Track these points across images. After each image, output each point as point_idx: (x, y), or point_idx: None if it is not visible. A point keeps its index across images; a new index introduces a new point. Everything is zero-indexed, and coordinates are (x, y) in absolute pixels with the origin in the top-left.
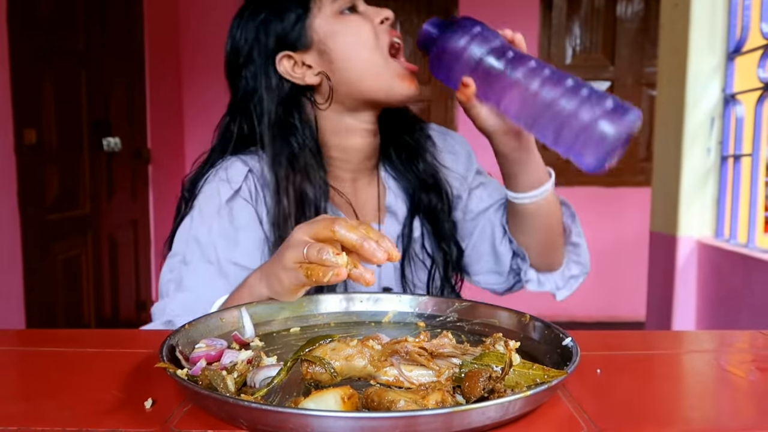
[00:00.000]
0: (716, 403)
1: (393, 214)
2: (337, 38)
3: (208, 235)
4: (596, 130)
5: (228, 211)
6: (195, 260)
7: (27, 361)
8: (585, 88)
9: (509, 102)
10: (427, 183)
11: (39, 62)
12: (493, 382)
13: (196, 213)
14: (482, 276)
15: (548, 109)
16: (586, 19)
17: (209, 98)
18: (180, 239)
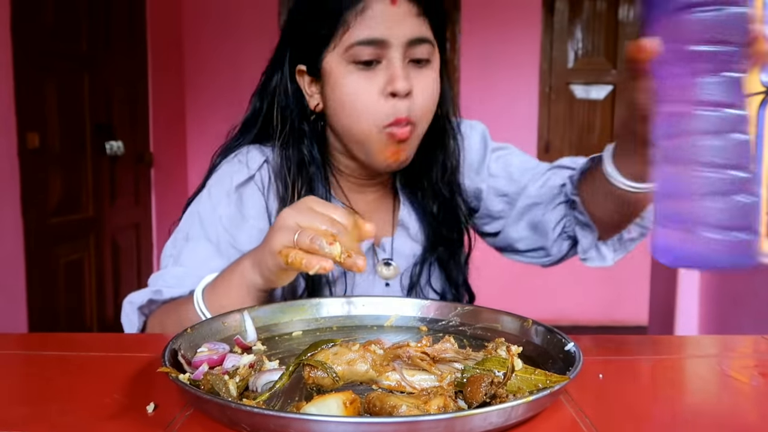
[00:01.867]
0: (719, 408)
1: (405, 228)
2: (337, 86)
3: (212, 214)
4: (707, 236)
5: (237, 196)
6: (196, 237)
7: (29, 364)
8: (752, 192)
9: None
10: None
11: (42, 66)
12: (495, 388)
13: (206, 192)
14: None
15: (694, 163)
16: (588, 23)
17: (212, 102)
18: (187, 216)
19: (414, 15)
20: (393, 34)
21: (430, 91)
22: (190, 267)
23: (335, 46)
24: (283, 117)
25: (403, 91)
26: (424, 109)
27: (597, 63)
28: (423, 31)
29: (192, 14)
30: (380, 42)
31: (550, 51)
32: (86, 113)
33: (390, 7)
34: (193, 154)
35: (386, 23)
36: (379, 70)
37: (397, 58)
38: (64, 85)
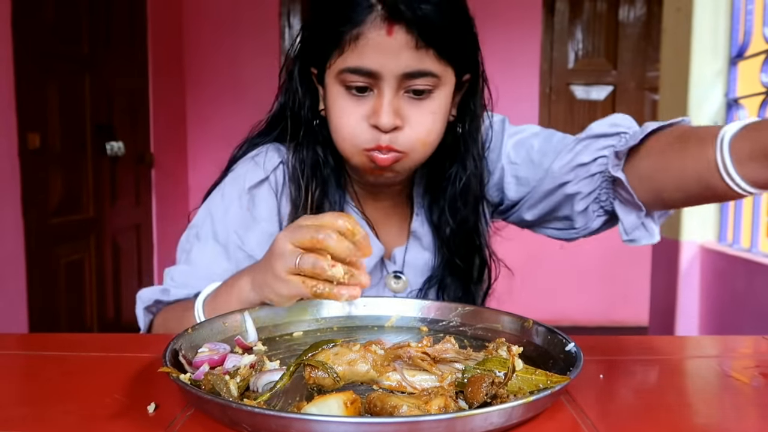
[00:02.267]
0: (719, 408)
1: (418, 239)
2: (329, 104)
3: (224, 215)
4: None
5: (249, 198)
6: (205, 237)
7: (29, 365)
8: None
9: None
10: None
11: (43, 66)
12: (495, 388)
13: (219, 191)
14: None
15: None
16: (589, 24)
17: (212, 102)
18: (202, 211)
19: (412, 47)
20: (385, 66)
21: (424, 126)
22: (197, 267)
23: (330, 66)
24: (296, 117)
25: (386, 127)
26: (414, 142)
27: (597, 64)
28: (422, 64)
29: (192, 15)
30: (371, 73)
31: (551, 51)
32: (87, 114)
33: (385, 38)
34: (193, 154)
35: (380, 54)
36: (370, 97)
37: (388, 91)
38: (64, 85)
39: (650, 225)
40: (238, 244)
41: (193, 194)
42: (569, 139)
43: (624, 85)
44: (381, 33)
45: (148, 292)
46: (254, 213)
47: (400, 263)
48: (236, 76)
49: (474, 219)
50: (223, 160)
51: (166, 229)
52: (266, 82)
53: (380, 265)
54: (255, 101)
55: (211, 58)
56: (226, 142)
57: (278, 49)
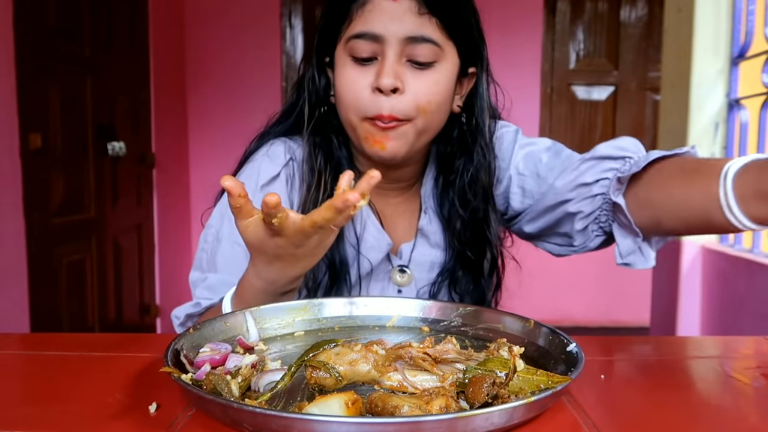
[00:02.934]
0: (720, 409)
1: (425, 236)
2: (337, 78)
3: None
4: None
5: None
6: (225, 239)
7: (31, 364)
8: None
9: None
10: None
11: (44, 67)
12: (497, 388)
13: None
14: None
15: None
16: (590, 24)
17: (213, 102)
18: (218, 211)
19: (415, 13)
20: (389, 29)
21: (424, 93)
22: (223, 272)
23: (341, 39)
24: (311, 107)
25: (387, 87)
26: (416, 109)
27: (599, 64)
28: (425, 30)
29: (194, 15)
30: (375, 36)
31: (552, 52)
32: (88, 114)
33: (390, 3)
34: (194, 154)
35: (384, 18)
36: (374, 66)
37: (391, 55)
38: (66, 86)
39: (647, 250)
40: None
41: (195, 194)
42: (575, 158)
43: (625, 85)
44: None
45: (181, 309)
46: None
47: (406, 259)
48: (237, 76)
49: (484, 210)
50: (224, 159)
51: (167, 229)
52: (267, 82)
53: (387, 259)
54: (256, 101)
55: (212, 59)
56: (227, 142)
57: (279, 49)
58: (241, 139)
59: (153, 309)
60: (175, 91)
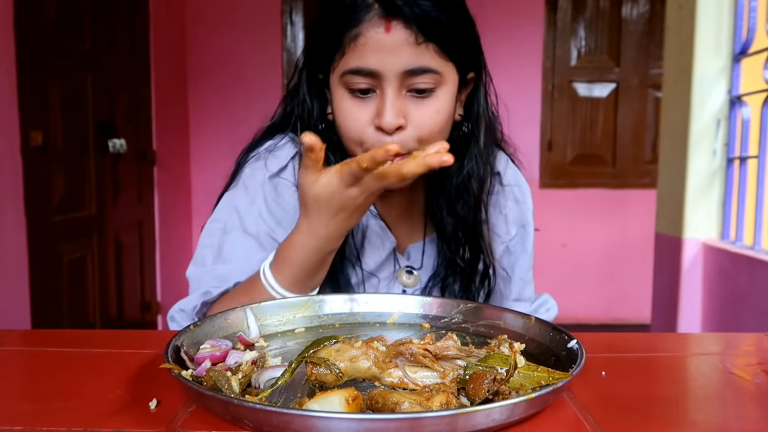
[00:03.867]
0: (721, 406)
1: (433, 238)
2: (335, 107)
3: (250, 207)
4: None
5: (272, 187)
6: (235, 230)
7: (32, 361)
8: None
9: None
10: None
11: (45, 64)
12: (497, 384)
13: (240, 184)
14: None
15: None
16: (591, 21)
17: (214, 99)
18: (222, 207)
19: (412, 44)
20: (386, 65)
21: (428, 125)
22: (233, 263)
23: (334, 69)
24: (305, 123)
25: (389, 127)
26: (419, 141)
27: (600, 61)
28: (423, 60)
29: (194, 12)
30: (371, 73)
31: (553, 49)
32: (89, 111)
33: (384, 35)
34: (195, 151)
35: (379, 53)
36: (373, 99)
37: (391, 91)
38: (67, 83)
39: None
40: (269, 233)
41: (196, 191)
42: (527, 294)
43: (627, 82)
44: (379, 31)
45: (187, 302)
46: (279, 202)
47: (415, 259)
48: (238, 73)
49: (472, 219)
50: (225, 156)
51: (168, 226)
52: (268, 80)
53: (393, 259)
54: (257, 97)
55: (213, 55)
56: (228, 138)
57: (280, 47)
58: (241, 135)
59: (154, 306)
60: (176, 88)
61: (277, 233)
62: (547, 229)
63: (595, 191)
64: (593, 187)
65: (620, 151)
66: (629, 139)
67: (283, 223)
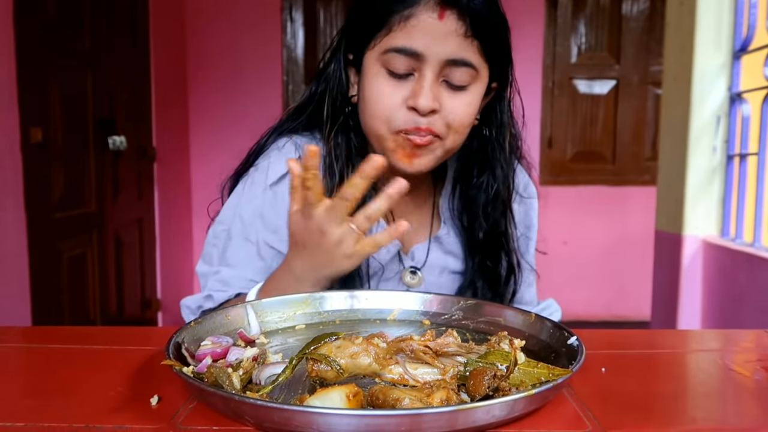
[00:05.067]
0: (721, 402)
1: (439, 243)
2: (366, 85)
3: (252, 215)
4: None
5: (272, 195)
6: (236, 236)
7: (33, 358)
8: None
9: None
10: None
11: (45, 61)
12: (497, 381)
13: (246, 189)
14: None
15: None
16: (592, 18)
17: (214, 96)
18: (228, 209)
19: (460, 35)
20: (432, 49)
21: (458, 115)
22: (235, 268)
23: (375, 46)
24: (335, 103)
25: (425, 109)
26: (450, 129)
27: (600, 58)
28: (466, 54)
29: (194, 8)
30: (416, 54)
31: (554, 46)
32: (89, 108)
33: (436, 21)
34: (195, 148)
35: (428, 37)
36: (410, 81)
37: (430, 75)
38: (67, 80)
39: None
40: (266, 240)
41: (196, 188)
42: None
43: (627, 79)
44: (433, 16)
45: (192, 300)
46: (277, 209)
47: (419, 261)
48: (238, 69)
49: (504, 223)
50: (226, 152)
51: (168, 224)
52: (268, 76)
53: (397, 259)
54: (257, 94)
55: (213, 53)
56: (228, 135)
57: (280, 43)
58: (242, 132)
59: (154, 303)
60: (176, 85)
61: (274, 242)
62: (548, 227)
63: (595, 188)
64: (593, 184)
65: (620, 148)
66: (629, 136)
67: (279, 233)
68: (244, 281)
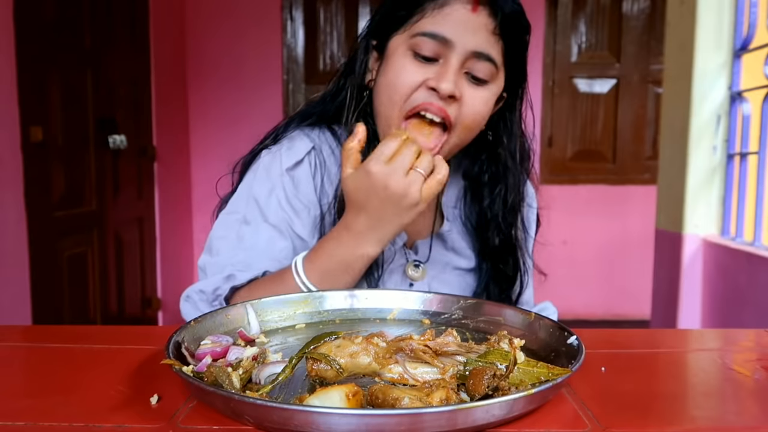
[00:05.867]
0: (721, 401)
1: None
2: (389, 67)
3: (269, 197)
4: None
5: (289, 179)
6: (255, 220)
7: (34, 357)
8: None
9: None
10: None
11: (45, 60)
12: (497, 380)
13: (258, 175)
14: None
15: None
16: (592, 17)
17: (215, 95)
18: (239, 198)
19: (489, 30)
20: (461, 38)
21: (475, 108)
22: (256, 249)
23: (405, 30)
24: (355, 90)
25: (446, 91)
26: (464, 118)
27: (601, 57)
28: (491, 49)
29: (195, 7)
30: (445, 40)
31: (554, 45)
32: (89, 107)
33: (469, 12)
34: (195, 147)
35: (459, 26)
36: (433, 66)
37: (455, 63)
38: (67, 79)
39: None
40: (289, 222)
41: (196, 186)
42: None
43: (627, 78)
44: (467, 7)
45: (207, 283)
46: (297, 195)
47: (423, 256)
48: (238, 68)
49: (516, 228)
50: (226, 151)
51: (168, 222)
52: (268, 75)
53: (402, 252)
54: (257, 93)
55: (213, 51)
56: (228, 134)
57: (280, 42)
58: (242, 131)
59: (154, 302)
60: (176, 84)
61: (296, 224)
62: (547, 226)
63: (596, 187)
64: (593, 183)
65: (620, 147)
66: (629, 135)
67: (301, 216)
68: (268, 261)
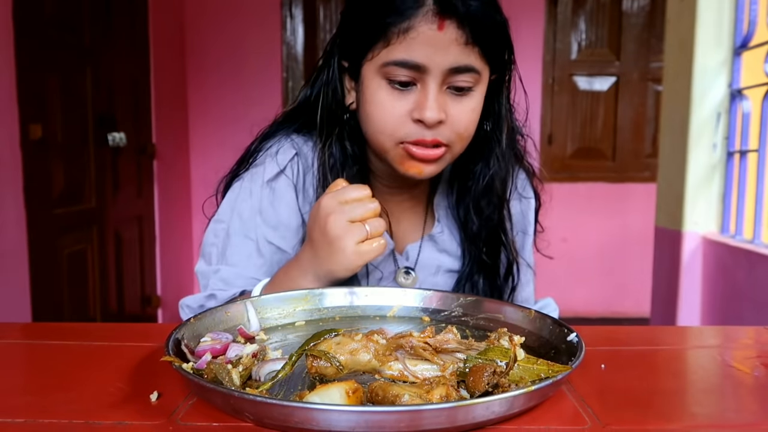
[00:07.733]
0: (720, 398)
1: (433, 242)
2: (367, 97)
3: (251, 212)
4: None
5: (269, 191)
6: (236, 234)
7: (33, 354)
8: None
9: None
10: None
11: (44, 58)
12: (497, 377)
13: (245, 184)
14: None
15: None
16: (592, 14)
17: (214, 93)
18: (226, 206)
19: (461, 43)
20: (433, 60)
21: (465, 121)
22: (236, 266)
23: (373, 58)
24: (329, 110)
25: (431, 121)
26: (457, 136)
27: (600, 54)
28: (468, 60)
29: (194, 5)
30: (418, 66)
31: (554, 42)
32: (89, 105)
33: (436, 32)
34: (195, 145)
35: (428, 49)
36: (413, 92)
37: (433, 86)
38: (66, 76)
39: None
40: (265, 236)
41: (195, 185)
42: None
43: (627, 76)
44: (432, 27)
45: (192, 300)
46: (275, 206)
47: (413, 260)
48: (238, 66)
49: (498, 218)
50: (225, 149)
51: (168, 220)
52: (268, 72)
53: (392, 258)
54: (257, 91)
55: (212, 49)
56: (227, 132)
57: (280, 40)
58: (241, 129)
59: (154, 300)
60: (176, 81)
61: (273, 238)
62: (547, 223)
63: (595, 185)
64: (593, 180)
65: (620, 145)
66: (629, 132)
67: (279, 229)
68: (245, 279)
